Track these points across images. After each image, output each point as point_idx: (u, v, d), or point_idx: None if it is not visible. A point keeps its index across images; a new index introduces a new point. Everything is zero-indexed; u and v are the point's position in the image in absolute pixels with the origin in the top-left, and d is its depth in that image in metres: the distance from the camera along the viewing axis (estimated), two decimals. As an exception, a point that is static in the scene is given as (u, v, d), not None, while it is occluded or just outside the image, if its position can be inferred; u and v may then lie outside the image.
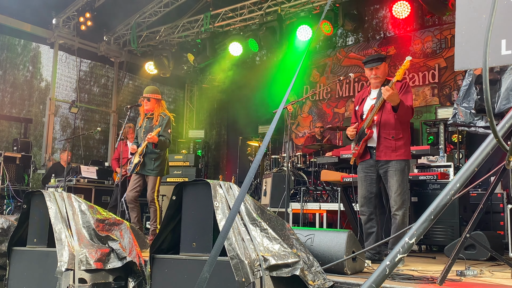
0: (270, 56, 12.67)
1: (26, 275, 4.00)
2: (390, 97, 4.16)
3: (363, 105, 4.63)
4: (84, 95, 11.89)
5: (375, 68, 4.49)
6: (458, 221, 5.52)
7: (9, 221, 4.44)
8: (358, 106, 4.72)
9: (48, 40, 11.01)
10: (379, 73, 4.50)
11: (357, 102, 4.75)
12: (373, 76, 4.51)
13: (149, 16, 11.67)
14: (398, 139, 4.37)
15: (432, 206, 1.66)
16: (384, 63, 4.53)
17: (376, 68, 4.49)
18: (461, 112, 4.46)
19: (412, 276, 3.32)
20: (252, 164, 1.99)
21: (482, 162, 1.66)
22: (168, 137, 6.10)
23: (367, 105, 4.58)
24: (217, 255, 1.78)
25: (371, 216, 4.49)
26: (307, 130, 11.60)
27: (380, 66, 4.49)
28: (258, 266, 2.84)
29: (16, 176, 9.06)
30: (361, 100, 4.70)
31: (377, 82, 4.51)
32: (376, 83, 4.53)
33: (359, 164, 4.64)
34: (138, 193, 6.17)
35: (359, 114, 4.67)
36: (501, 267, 4.19)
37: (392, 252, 1.65)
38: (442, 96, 9.68)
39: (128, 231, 3.98)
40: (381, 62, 4.49)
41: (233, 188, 3.31)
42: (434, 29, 9.89)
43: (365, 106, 4.61)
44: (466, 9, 1.92)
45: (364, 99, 4.66)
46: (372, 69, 4.50)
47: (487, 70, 1.51)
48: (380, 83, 4.50)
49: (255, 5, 10.47)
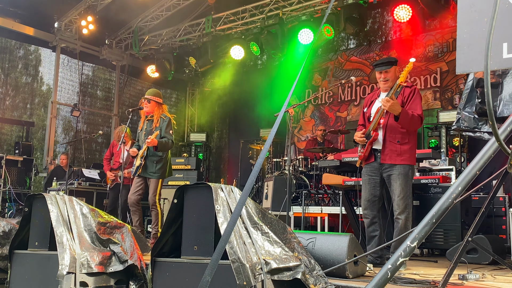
0: (272, 60, 12.67)
1: (28, 279, 4.00)
2: (390, 108, 4.17)
3: (371, 107, 4.63)
4: (86, 98, 11.91)
5: (384, 72, 4.48)
6: (460, 225, 5.51)
7: (11, 224, 4.44)
8: (366, 108, 4.72)
9: (50, 43, 11.04)
10: (389, 77, 4.48)
11: (366, 104, 4.75)
12: (382, 80, 4.50)
13: (151, 19, 11.69)
14: (404, 143, 4.36)
15: (434, 209, 1.66)
16: (395, 67, 4.52)
17: (385, 72, 4.48)
18: (464, 117, 4.45)
19: (414, 280, 3.32)
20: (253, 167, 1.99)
21: (484, 166, 1.66)
22: (170, 138, 6.09)
23: (375, 108, 4.57)
24: (218, 258, 1.78)
25: (374, 219, 4.46)
26: (310, 134, 11.59)
27: (390, 70, 4.48)
28: (259, 270, 2.83)
29: (18, 179, 9.07)
30: (370, 102, 4.70)
31: (387, 86, 4.51)
32: (386, 87, 4.52)
33: (363, 167, 4.63)
34: (140, 196, 6.16)
35: (367, 116, 4.67)
36: (503, 271, 4.18)
37: (394, 256, 1.64)
38: (444, 100, 9.68)
39: (129, 234, 3.98)
40: (391, 66, 4.48)
41: (235, 192, 3.31)
42: (436, 33, 9.89)
43: (373, 108, 4.60)
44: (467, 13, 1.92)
45: (373, 102, 4.65)
46: (382, 72, 4.49)
47: (489, 73, 1.51)
48: (389, 86, 4.49)
49: (257, 9, 10.49)
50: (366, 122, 4.68)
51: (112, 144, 8.48)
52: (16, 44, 10.59)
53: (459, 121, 4.54)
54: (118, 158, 8.10)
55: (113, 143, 8.49)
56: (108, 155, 8.36)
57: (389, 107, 4.15)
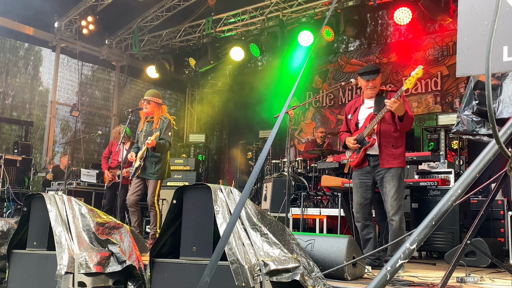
0: (272, 61, 12.68)
1: (26, 278, 3.99)
2: (397, 109, 4.26)
3: (357, 114, 4.72)
4: (85, 98, 11.91)
5: (372, 80, 4.59)
6: (459, 228, 5.52)
7: (9, 224, 4.43)
8: (351, 114, 4.80)
9: (50, 43, 11.03)
10: (376, 84, 4.62)
11: (349, 111, 4.84)
12: (369, 87, 4.61)
13: (151, 20, 11.69)
14: (398, 147, 4.50)
15: (434, 212, 1.66)
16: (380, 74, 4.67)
17: (373, 80, 4.59)
18: (463, 120, 4.46)
19: (413, 283, 3.32)
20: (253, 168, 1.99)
21: (484, 168, 1.66)
22: (168, 140, 6.10)
23: (363, 114, 4.66)
24: (218, 259, 1.78)
25: (366, 222, 4.58)
26: (310, 137, 11.59)
27: (377, 77, 4.62)
28: (258, 271, 2.83)
29: (17, 179, 9.06)
30: (354, 109, 4.79)
31: (373, 93, 4.62)
32: (372, 94, 4.63)
33: (354, 171, 4.72)
34: (139, 197, 6.16)
35: (353, 123, 4.74)
36: (501, 274, 4.18)
37: (393, 258, 1.64)
38: (445, 103, 9.68)
39: (128, 235, 3.98)
40: (378, 74, 4.62)
41: (234, 193, 3.31)
42: (436, 36, 9.90)
43: (360, 115, 4.69)
44: (468, 16, 1.93)
45: (358, 108, 4.75)
46: (370, 81, 4.59)
47: (490, 76, 1.51)
48: (375, 93, 4.62)
49: (257, 10, 10.50)
50: (351, 128, 4.78)
51: (111, 143, 8.48)
52: (16, 43, 10.59)
53: (458, 125, 4.55)
54: (116, 156, 8.10)
55: (112, 141, 8.49)
56: (106, 153, 8.36)
57: (396, 108, 4.24)
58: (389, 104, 4.27)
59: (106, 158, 8.29)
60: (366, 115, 4.61)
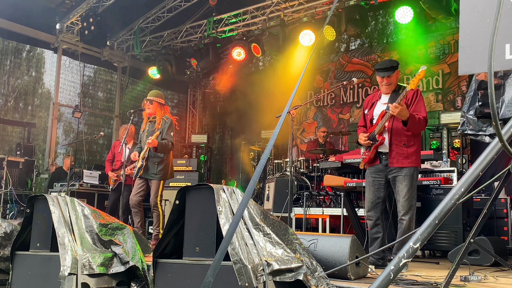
0: (273, 61, 12.67)
1: (29, 280, 4.00)
2: (399, 114, 4.20)
3: (373, 109, 4.63)
4: (87, 100, 11.93)
5: (387, 77, 4.49)
6: (462, 226, 5.50)
7: (12, 225, 4.44)
8: (367, 109, 4.72)
9: (52, 45, 11.05)
10: (392, 80, 4.50)
11: (367, 106, 4.75)
12: (385, 84, 4.51)
13: (153, 21, 11.70)
14: (410, 146, 4.41)
15: (437, 210, 1.66)
16: (397, 70, 4.54)
17: (388, 77, 4.49)
18: (470, 120, 4.45)
19: (416, 282, 3.31)
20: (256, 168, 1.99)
21: (487, 167, 1.65)
22: (170, 140, 6.10)
23: (378, 110, 4.58)
24: (221, 259, 1.78)
25: (377, 221, 4.48)
26: (312, 136, 11.59)
27: (393, 74, 4.50)
28: (261, 271, 2.83)
29: (19, 181, 9.08)
30: (371, 104, 4.70)
31: (389, 89, 4.53)
32: (387, 90, 4.54)
33: (367, 169, 4.64)
34: (142, 198, 6.16)
35: (369, 118, 4.67)
36: (505, 272, 4.17)
37: (396, 257, 1.64)
38: (446, 102, 9.67)
39: (131, 236, 3.98)
40: (394, 71, 4.49)
41: (236, 193, 3.31)
42: (437, 35, 9.88)
43: (375, 110, 4.60)
44: (469, 14, 1.92)
45: (374, 103, 4.66)
46: (385, 77, 4.49)
47: (492, 74, 1.51)
48: (391, 89, 4.52)
49: (258, 11, 10.50)
50: (368, 123, 4.69)
51: (114, 145, 8.48)
52: (18, 45, 10.61)
53: (464, 125, 4.53)
54: (120, 157, 8.10)
55: (115, 143, 8.49)
56: (110, 156, 8.35)
57: (398, 113, 4.18)
58: (391, 110, 4.22)
59: (110, 161, 8.27)
60: (380, 112, 4.51)
